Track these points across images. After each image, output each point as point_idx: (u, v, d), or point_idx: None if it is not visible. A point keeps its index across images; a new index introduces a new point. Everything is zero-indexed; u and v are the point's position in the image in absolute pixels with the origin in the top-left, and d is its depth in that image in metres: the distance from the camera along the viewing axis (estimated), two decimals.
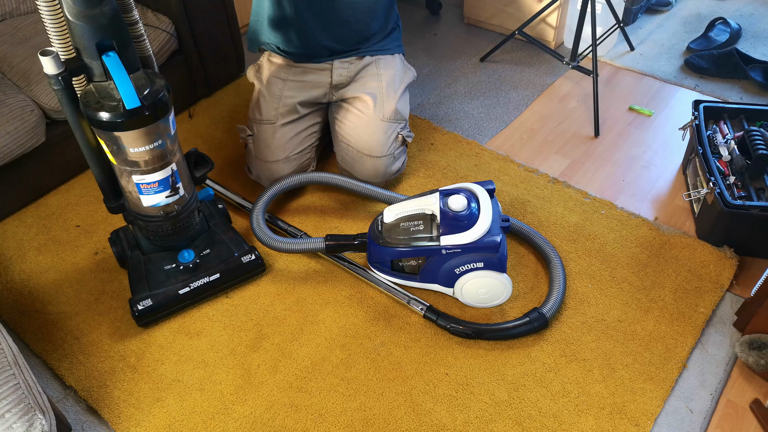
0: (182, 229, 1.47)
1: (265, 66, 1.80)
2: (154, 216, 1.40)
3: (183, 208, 1.43)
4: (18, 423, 1.03)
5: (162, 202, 1.37)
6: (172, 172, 1.35)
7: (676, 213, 1.75)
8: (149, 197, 1.36)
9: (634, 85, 2.24)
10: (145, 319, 1.46)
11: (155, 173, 1.31)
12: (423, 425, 1.30)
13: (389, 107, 1.73)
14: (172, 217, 1.42)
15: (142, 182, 1.32)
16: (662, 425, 1.30)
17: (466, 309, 1.52)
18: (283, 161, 1.73)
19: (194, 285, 1.48)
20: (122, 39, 1.18)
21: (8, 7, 1.92)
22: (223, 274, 1.51)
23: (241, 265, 1.53)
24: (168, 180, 1.35)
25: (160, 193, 1.36)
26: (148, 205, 1.37)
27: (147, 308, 1.44)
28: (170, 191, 1.37)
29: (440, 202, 1.45)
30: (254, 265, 1.55)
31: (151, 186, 1.33)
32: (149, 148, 1.26)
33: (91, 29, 1.12)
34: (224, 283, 1.52)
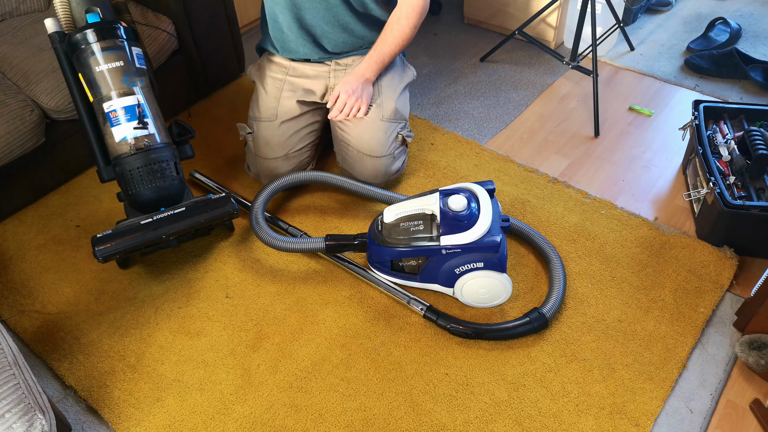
0: (157, 174, 1.48)
1: (265, 65, 1.80)
2: (127, 154, 1.47)
3: (154, 148, 1.49)
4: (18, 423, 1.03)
5: (131, 134, 1.47)
6: (138, 103, 1.49)
7: (676, 213, 1.75)
8: (119, 129, 1.47)
9: (634, 85, 2.24)
10: (104, 246, 1.43)
11: (122, 98, 1.47)
12: (423, 425, 1.30)
13: (389, 107, 1.73)
14: (143, 154, 1.47)
15: (111, 108, 1.46)
16: (662, 425, 1.30)
17: (466, 309, 1.52)
18: (282, 159, 1.73)
19: (157, 216, 1.48)
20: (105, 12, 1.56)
21: (8, 7, 1.92)
22: (188, 206, 1.51)
23: (207, 201, 1.53)
24: (134, 109, 1.48)
25: (128, 123, 1.47)
26: (119, 139, 1.47)
27: (105, 236, 1.44)
28: (138, 122, 1.48)
29: (440, 202, 1.45)
30: (222, 203, 1.53)
31: (120, 114, 1.47)
32: (111, 67, 1.47)
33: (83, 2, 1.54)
34: (190, 216, 1.50)
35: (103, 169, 1.54)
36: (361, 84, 1.69)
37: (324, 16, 1.67)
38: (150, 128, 1.50)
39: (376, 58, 1.69)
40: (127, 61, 1.50)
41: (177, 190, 1.55)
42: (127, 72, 1.49)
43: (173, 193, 1.55)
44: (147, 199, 1.51)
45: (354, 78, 1.69)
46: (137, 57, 1.53)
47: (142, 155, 1.48)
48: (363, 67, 1.70)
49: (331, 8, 1.66)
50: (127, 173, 1.48)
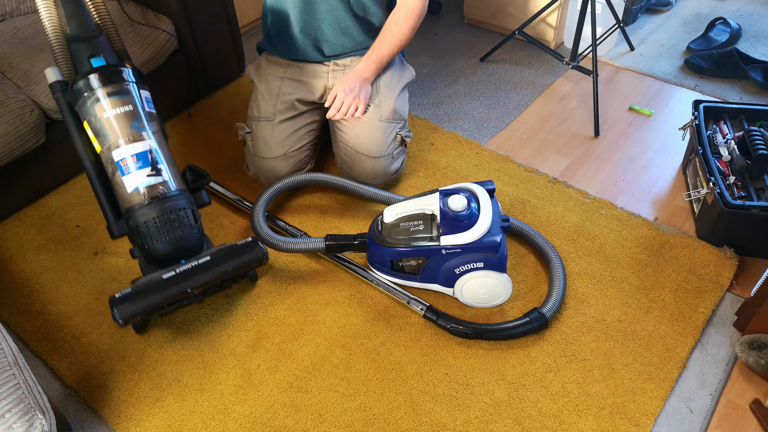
0: (174, 223, 1.36)
1: (264, 65, 1.80)
2: (141, 206, 1.35)
3: (169, 196, 1.37)
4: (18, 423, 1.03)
5: (144, 182, 1.36)
6: (151, 149, 1.38)
7: (676, 213, 1.75)
8: (130, 177, 1.36)
9: (634, 85, 2.24)
10: (125, 306, 1.28)
11: (132, 144, 1.37)
12: (423, 425, 1.30)
13: (387, 107, 1.73)
14: (159, 202, 1.35)
15: (121, 157, 1.36)
16: (662, 425, 1.30)
17: (466, 309, 1.52)
18: (281, 158, 1.73)
19: (180, 269, 1.35)
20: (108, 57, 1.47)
21: (8, 7, 1.92)
22: (213, 255, 1.38)
23: (233, 248, 1.40)
24: (147, 155, 1.37)
25: (140, 170, 1.36)
26: (132, 188, 1.36)
27: (125, 295, 1.30)
28: (151, 169, 1.37)
29: (440, 202, 1.45)
30: (249, 248, 1.41)
31: (131, 161, 1.36)
32: (120, 112, 1.37)
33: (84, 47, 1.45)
34: (216, 266, 1.37)
35: (113, 224, 1.40)
36: (359, 83, 1.69)
37: (325, 18, 1.67)
38: (164, 175, 1.39)
39: (374, 59, 1.69)
40: (135, 105, 1.40)
41: (196, 240, 1.42)
42: (137, 117, 1.40)
43: (193, 243, 1.41)
44: (165, 253, 1.37)
45: (352, 78, 1.69)
46: (146, 100, 1.44)
47: (156, 204, 1.35)
48: (361, 67, 1.70)
49: (332, 11, 1.66)
50: (141, 225, 1.35)
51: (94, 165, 1.41)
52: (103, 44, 1.47)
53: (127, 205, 1.37)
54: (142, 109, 1.41)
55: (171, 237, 1.36)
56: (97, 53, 1.43)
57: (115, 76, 1.40)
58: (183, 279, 1.34)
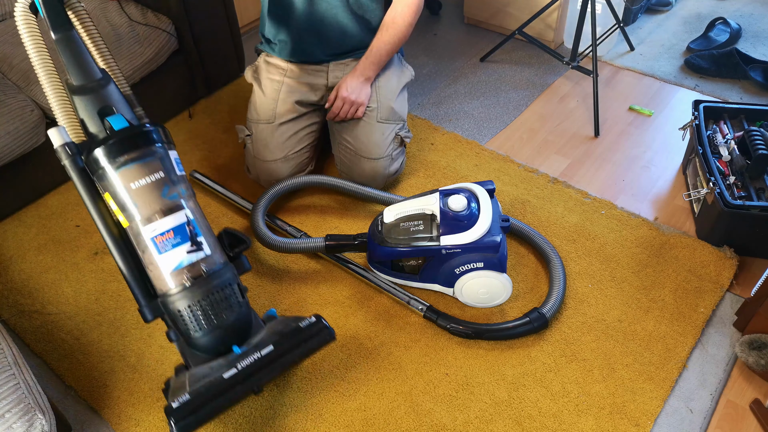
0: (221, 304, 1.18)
1: (262, 67, 1.80)
2: (182, 289, 1.16)
3: (214, 273, 1.18)
4: (18, 423, 1.03)
5: (184, 260, 1.15)
6: (188, 220, 1.18)
7: (676, 213, 1.75)
8: (169, 256, 1.15)
9: (634, 85, 2.24)
10: (184, 421, 1.10)
11: (166, 218, 1.16)
12: (423, 425, 1.30)
13: (386, 108, 1.73)
14: (202, 282, 1.16)
15: (155, 233, 1.15)
16: (662, 425, 1.30)
17: (466, 309, 1.52)
18: (281, 160, 1.73)
19: (243, 364, 1.16)
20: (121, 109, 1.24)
21: (8, 7, 1.92)
22: (277, 344, 1.19)
23: (298, 330, 1.22)
24: (185, 228, 1.16)
25: (178, 247, 1.15)
26: (170, 270, 1.15)
27: (185, 405, 1.11)
28: (190, 244, 1.17)
29: (440, 202, 1.45)
30: (316, 329, 1.22)
31: (167, 238, 1.15)
32: (149, 181, 1.16)
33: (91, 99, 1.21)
34: (281, 356, 1.19)
35: (145, 308, 1.19)
36: (360, 84, 1.69)
37: (324, 18, 1.67)
38: (205, 248, 1.18)
39: (372, 58, 1.70)
40: (166, 171, 1.18)
41: (246, 320, 1.24)
42: (167, 183, 1.17)
43: (243, 324, 1.23)
44: (214, 341, 1.19)
45: (352, 78, 1.69)
46: (176, 162, 1.22)
47: (200, 286, 1.15)
48: (361, 67, 1.70)
49: (331, 9, 1.66)
50: (184, 312, 1.16)
51: (118, 240, 1.19)
52: (113, 95, 1.25)
53: (165, 288, 1.17)
54: (173, 174, 1.19)
55: (219, 322, 1.18)
56: (110, 109, 1.22)
57: (141, 139, 1.17)
58: (247, 377, 1.16)
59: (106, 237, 1.18)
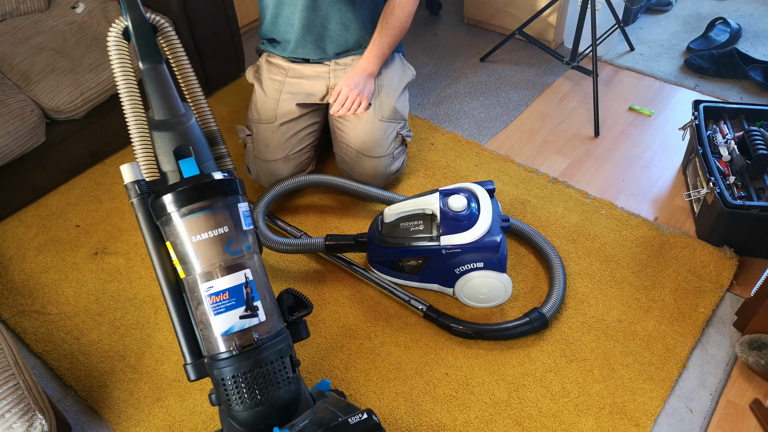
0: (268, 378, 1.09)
1: (263, 67, 1.80)
2: (229, 356, 1.08)
3: (264, 341, 1.10)
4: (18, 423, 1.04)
5: (236, 325, 1.09)
6: (246, 281, 1.11)
7: (676, 213, 1.75)
8: (221, 318, 1.09)
9: (634, 85, 2.24)
10: None
11: (225, 277, 1.09)
12: (423, 425, 1.30)
13: (388, 107, 1.73)
14: (250, 353, 1.08)
15: (210, 292, 1.09)
16: (662, 425, 1.30)
17: (466, 309, 1.52)
18: (282, 160, 1.73)
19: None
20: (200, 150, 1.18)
21: (8, 7, 1.92)
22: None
23: (345, 426, 1.08)
24: (241, 290, 1.10)
25: (232, 310, 1.09)
26: (221, 332, 1.09)
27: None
28: (245, 309, 1.10)
29: (440, 202, 1.45)
30: (365, 427, 1.08)
31: (222, 299, 1.09)
32: (213, 235, 1.09)
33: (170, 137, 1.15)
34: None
35: (191, 366, 1.12)
36: (364, 79, 1.70)
37: (327, 13, 1.67)
38: (260, 314, 1.11)
39: (375, 52, 1.70)
40: (231, 225, 1.10)
41: (293, 398, 1.14)
42: (231, 237, 1.10)
43: (288, 402, 1.12)
44: (254, 418, 1.11)
45: (356, 73, 1.70)
46: (244, 216, 1.14)
47: (248, 356, 1.07)
48: (364, 62, 1.71)
49: (335, 4, 1.65)
50: (228, 381, 1.08)
51: (174, 289, 1.13)
52: (194, 133, 1.19)
53: (213, 350, 1.10)
54: (239, 229, 1.12)
55: (263, 398, 1.09)
56: (187, 150, 1.15)
57: (210, 190, 1.09)
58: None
59: (163, 285, 1.13)
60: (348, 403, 1.19)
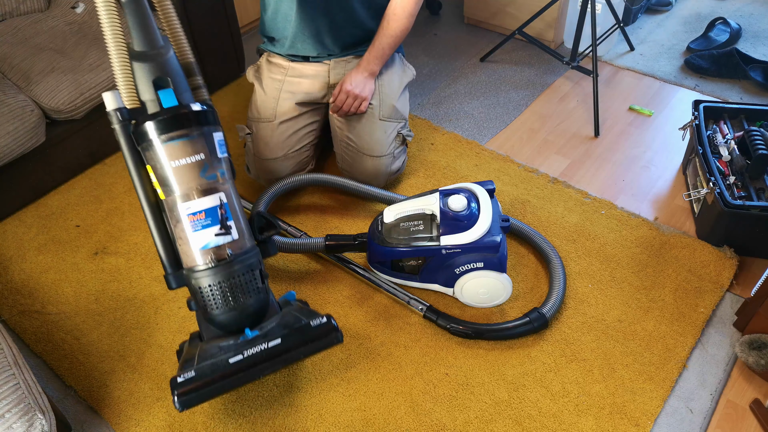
0: (241, 287, 1.23)
1: (264, 66, 1.80)
2: (206, 268, 1.21)
3: (237, 256, 1.23)
4: (18, 423, 1.04)
5: (211, 242, 1.21)
6: (221, 203, 1.22)
7: (676, 213, 1.75)
8: (198, 235, 1.20)
9: (634, 85, 2.24)
10: (186, 396, 1.15)
11: (202, 199, 1.20)
12: (423, 425, 1.30)
13: (388, 106, 1.73)
14: (226, 266, 1.21)
15: (188, 212, 1.20)
16: (662, 425, 1.30)
17: (466, 309, 1.52)
18: (282, 159, 1.73)
19: (249, 353, 1.20)
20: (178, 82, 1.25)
21: (8, 7, 1.92)
22: (284, 339, 1.22)
23: (308, 328, 1.24)
24: (216, 211, 1.21)
25: (207, 229, 1.21)
26: (198, 247, 1.21)
27: (188, 381, 1.16)
28: (220, 227, 1.21)
29: (440, 202, 1.45)
30: (325, 330, 1.23)
31: (199, 218, 1.20)
32: (189, 161, 1.19)
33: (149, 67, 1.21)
34: (287, 351, 1.22)
35: (171, 276, 1.26)
36: (364, 79, 1.70)
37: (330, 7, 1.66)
38: (233, 232, 1.23)
39: (375, 53, 1.70)
40: (207, 152, 1.21)
41: (263, 305, 1.28)
42: (207, 163, 1.21)
43: (258, 309, 1.27)
44: (228, 321, 1.25)
45: (356, 73, 1.70)
46: (219, 145, 1.25)
47: (223, 269, 1.21)
48: (364, 63, 1.71)
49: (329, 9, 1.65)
50: (204, 289, 1.22)
51: (154, 208, 1.24)
52: (172, 65, 1.25)
53: (190, 263, 1.23)
54: (213, 156, 1.23)
55: (236, 304, 1.23)
56: (165, 81, 1.23)
57: (188, 120, 1.20)
58: (251, 365, 1.20)
59: (144, 204, 1.24)
60: (311, 309, 1.32)
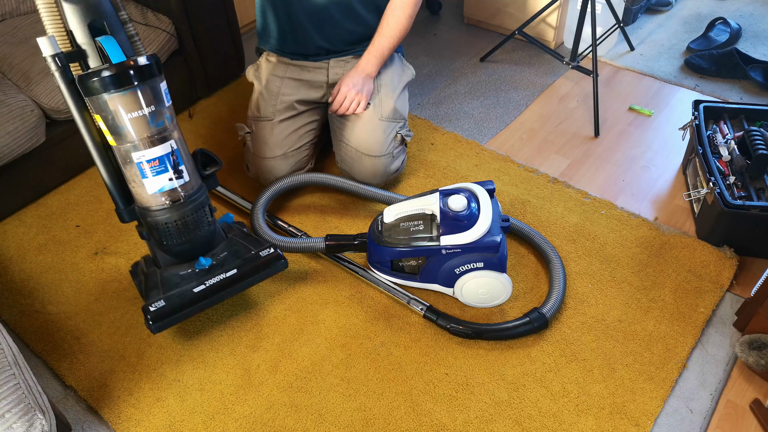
0: (193, 225, 1.37)
1: (263, 65, 1.80)
2: (161, 208, 1.32)
3: (189, 196, 1.34)
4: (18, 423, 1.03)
5: (166, 186, 1.30)
6: (172, 150, 1.29)
7: (676, 213, 1.75)
8: (152, 180, 1.29)
9: (634, 85, 2.24)
10: (160, 322, 1.32)
11: (154, 148, 1.27)
12: (423, 425, 1.30)
13: (388, 106, 1.73)
14: (179, 207, 1.33)
15: (142, 159, 1.26)
16: (662, 425, 1.30)
17: (466, 309, 1.52)
18: (281, 158, 1.73)
19: (210, 282, 1.37)
20: (112, 23, 1.27)
21: (8, 7, 1.92)
22: (239, 268, 1.40)
23: (258, 259, 1.42)
24: (168, 158, 1.29)
25: (162, 174, 1.29)
26: (153, 191, 1.30)
27: (159, 310, 1.32)
28: (173, 172, 1.30)
29: (440, 202, 1.45)
30: (273, 259, 1.43)
31: (153, 166, 1.28)
32: (145, 113, 1.24)
33: (82, 10, 1.21)
34: (243, 279, 1.40)
35: (123, 211, 1.36)
36: (362, 79, 1.70)
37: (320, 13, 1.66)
38: (185, 176, 1.33)
39: (375, 53, 1.70)
40: (155, 102, 1.26)
41: (212, 235, 1.44)
42: (156, 113, 1.27)
43: (209, 239, 1.44)
44: (183, 251, 1.40)
45: (355, 73, 1.71)
46: (165, 94, 1.30)
47: (177, 208, 1.32)
48: (363, 63, 1.71)
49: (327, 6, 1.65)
50: (161, 226, 1.34)
51: (101, 149, 1.30)
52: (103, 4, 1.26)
53: (145, 204, 1.33)
54: (161, 105, 1.28)
55: (190, 237, 1.38)
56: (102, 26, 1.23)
57: (138, 75, 1.22)
58: (213, 293, 1.38)
59: (91, 147, 1.29)
60: (253, 236, 1.51)
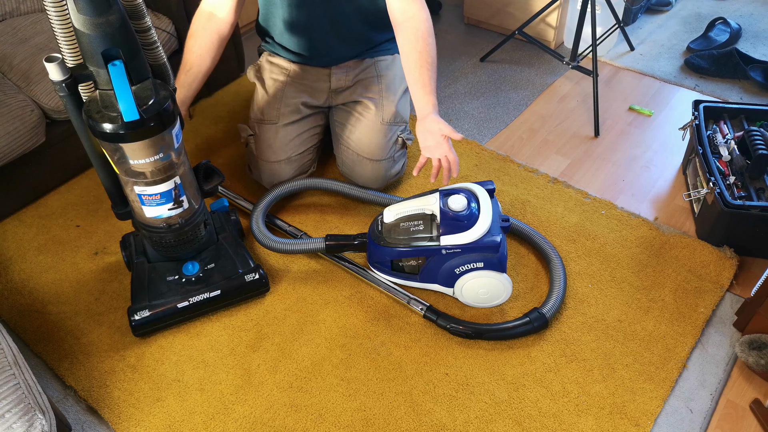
0: (186, 241, 1.44)
1: (265, 66, 1.80)
2: (157, 227, 1.38)
3: (187, 221, 1.39)
4: (18, 423, 1.03)
5: (164, 214, 1.35)
6: (176, 185, 1.32)
7: (676, 213, 1.75)
8: (151, 209, 1.33)
9: (634, 85, 2.24)
10: (141, 330, 1.44)
11: (157, 185, 1.28)
12: (423, 425, 1.30)
13: (389, 110, 1.73)
14: (175, 230, 1.39)
15: (143, 193, 1.29)
16: (662, 425, 1.30)
17: (466, 309, 1.52)
18: (285, 162, 1.73)
19: (194, 300, 1.45)
20: (130, 48, 1.15)
21: (8, 7, 1.92)
22: (224, 291, 1.48)
23: (243, 284, 1.49)
24: (171, 193, 1.32)
25: (162, 206, 1.33)
26: (151, 216, 1.35)
27: (143, 320, 1.42)
28: (173, 204, 1.34)
29: (440, 202, 1.45)
30: (257, 285, 1.51)
31: (153, 198, 1.30)
32: (151, 161, 1.24)
33: (98, 38, 1.10)
34: (225, 300, 1.49)
35: (120, 213, 1.43)
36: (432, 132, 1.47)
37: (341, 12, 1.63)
38: (185, 204, 1.37)
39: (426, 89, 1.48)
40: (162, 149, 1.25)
41: (204, 245, 1.52)
42: (165, 155, 1.27)
43: (201, 248, 1.52)
44: (174, 257, 1.49)
45: (423, 130, 1.48)
46: (176, 136, 1.28)
47: (173, 230, 1.40)
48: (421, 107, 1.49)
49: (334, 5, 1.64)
50: (155, 239, 1.42)
51: (102, 160, 1.31)
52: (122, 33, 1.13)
53: (144, 221, 1.38)
54: (170, 147, 1.27)
55: (182, 249, 1.46)
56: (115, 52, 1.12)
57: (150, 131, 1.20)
58: (196, 309, 1.47)
59: (93, 158, 1.30)
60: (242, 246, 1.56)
